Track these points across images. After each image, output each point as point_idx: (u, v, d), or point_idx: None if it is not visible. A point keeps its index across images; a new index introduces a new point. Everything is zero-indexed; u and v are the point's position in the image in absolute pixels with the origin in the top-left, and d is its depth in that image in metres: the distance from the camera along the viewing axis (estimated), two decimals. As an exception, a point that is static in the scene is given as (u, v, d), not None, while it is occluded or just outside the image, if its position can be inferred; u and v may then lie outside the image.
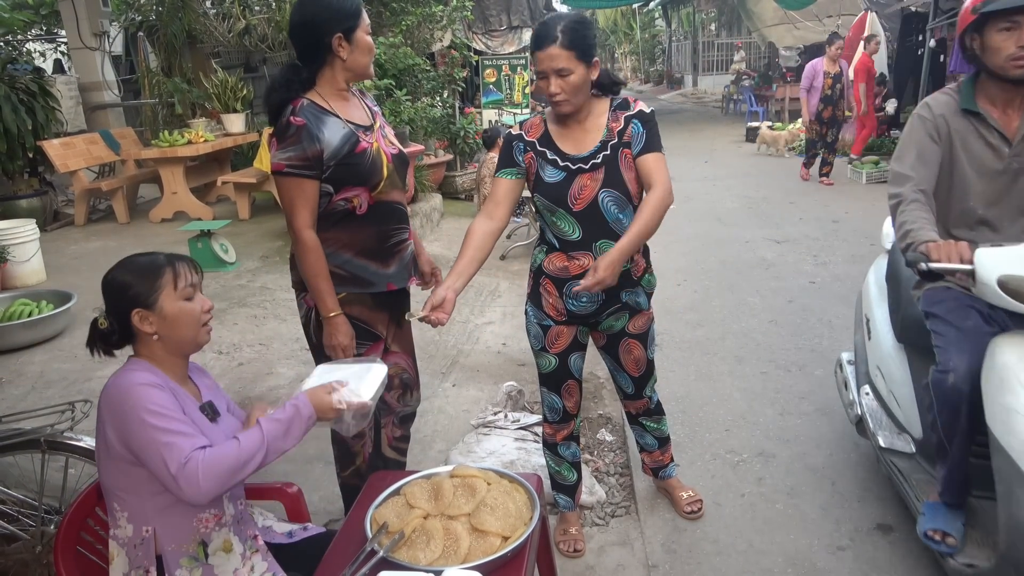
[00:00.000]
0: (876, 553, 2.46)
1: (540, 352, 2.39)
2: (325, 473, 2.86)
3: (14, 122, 6.55)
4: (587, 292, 2.04)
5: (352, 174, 2.10)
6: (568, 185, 2.15)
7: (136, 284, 1.58)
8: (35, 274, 5.24)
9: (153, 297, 1.58)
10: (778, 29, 15.26)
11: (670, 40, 28.83)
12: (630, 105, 2.19)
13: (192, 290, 1.63)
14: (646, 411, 2.61)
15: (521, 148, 2.22)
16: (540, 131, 2.22)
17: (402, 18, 7.87)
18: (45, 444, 2.14)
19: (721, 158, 11.19)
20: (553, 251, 2.25)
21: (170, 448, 1.46)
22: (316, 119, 2.06)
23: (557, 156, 2.17)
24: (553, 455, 2.57)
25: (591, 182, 2.14)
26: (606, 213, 2.16)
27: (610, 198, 2.15)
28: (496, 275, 5.67)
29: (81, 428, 2.22)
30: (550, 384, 2.44)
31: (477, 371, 4.00)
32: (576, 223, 2.18)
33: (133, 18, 9.43)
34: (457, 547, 1.55)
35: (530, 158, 2.21)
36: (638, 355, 2.42)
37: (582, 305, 2.25)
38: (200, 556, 1.61)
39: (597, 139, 2.16)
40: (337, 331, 2.17)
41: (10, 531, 2.23)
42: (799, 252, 5.99)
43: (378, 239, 2.21)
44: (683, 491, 2.74)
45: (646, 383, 2.52)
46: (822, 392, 3.57)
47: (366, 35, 2.13)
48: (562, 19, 2.06)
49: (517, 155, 2.23)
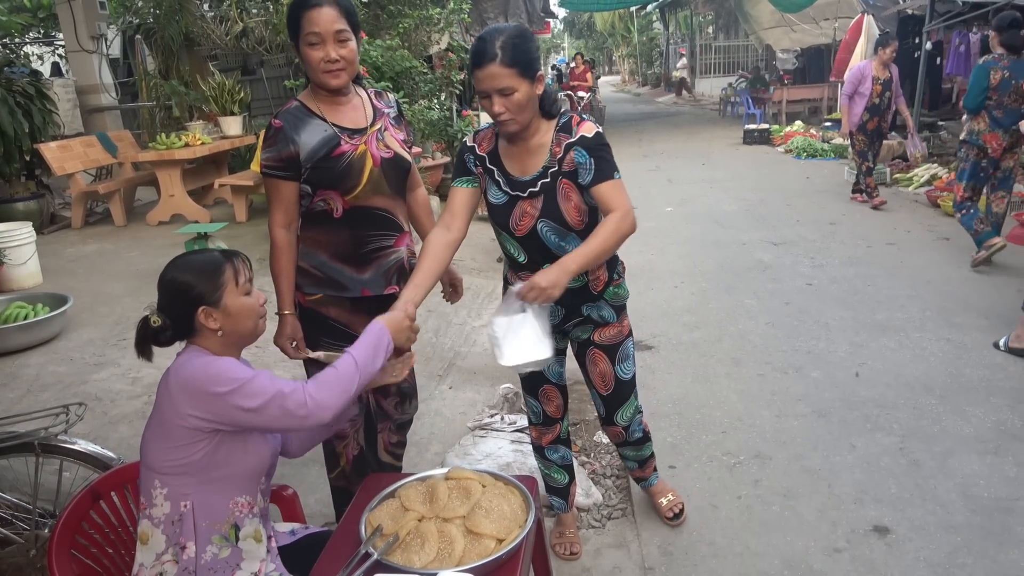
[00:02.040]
0: (873, 555, 2.46)
1: None
2: (321, 476, 2.85)
3: (11, 125, 6.54)
4: (525, 299, 1.92)
5: (325, 177, 2.11)
6: (510, 210, 2.10)
7: (199, 283, 1.62)
8: (31, 277, 5.22)
9: (218, 294, 1.62)
10: (775, 32, 15.30)
11: (668, 43, 28.88)
12: (572, 129, 2.04)
13: (250, 285, 1.69)
14: (623, 441, 2.51)
15: (472, 160, 2.16)
16: (491, 145, 2.14)
17: (399, 21, 7.87)
18: (39, 447, 2.14)
19: (718, 160, 11.19)
20: (512, 263, 2.24)
21: (284, 395, 1.56)
22: (296, 121, 2.10)
23: (502, 177, 2.11)
24: (541, 458, 2.56)
25: (531, 209, 2.08)
26: (546, 241, 2.10)
27: (548, 228, 2.08)
28: (493, 277, 5.67)
29: (75, 431, 2.22)
30: (528, 388, 2.43)
31: (474, 373, 4.00)
32: (520, 247, 2.15)
33: (130, 21, 9.44)
34: (452, 550, 1.55)
35: (480, 172, 2.15)
36: (603, 368, 2.32)
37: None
38: (232, 537, 1.64)
39: (540, 163, 2.06)
40: (281, 331, 2.22)
41: (4, 535, 2.23)
42: (796, 254, 6.00)
43: (353, 244, 2.19)
44: (662, 496, 2.70)
45: (617, 407, 2.39)
46: (818, 394, 3.57)
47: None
48: (501, 34, 1.92)
49: (470, 165, 2.17)
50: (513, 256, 2.19)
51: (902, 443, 3.12)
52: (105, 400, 3.49)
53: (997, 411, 3.33)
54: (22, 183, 7.10)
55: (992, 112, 5.10)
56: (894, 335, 4.23)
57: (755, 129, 12.86)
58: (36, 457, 2.15)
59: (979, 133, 5.18)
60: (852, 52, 10.98)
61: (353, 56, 2.07)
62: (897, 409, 3.40)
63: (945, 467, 2.93)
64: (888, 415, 3.35)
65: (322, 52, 2.03)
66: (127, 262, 5.82)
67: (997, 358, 3.87)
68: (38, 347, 4.12)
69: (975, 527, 2.56)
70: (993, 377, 3.67)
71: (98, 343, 4.16)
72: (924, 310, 4.59)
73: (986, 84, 5.07)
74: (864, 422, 3.30)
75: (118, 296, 4.95)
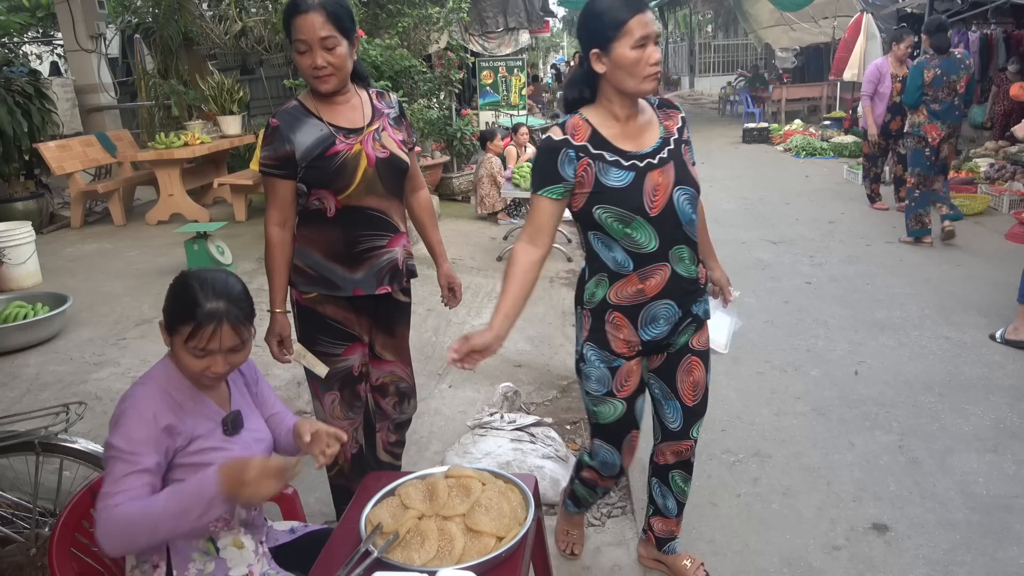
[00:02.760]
0: (872, 553, 2.46)
1: (604, 398, 2.03)
2: (320, 474, 2.85)
3: (10, 124, 6.54)
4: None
5: (319, 176, 2.12)
6: (640, 187, 1.84)
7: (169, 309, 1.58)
8: (31, 276, 5.22)
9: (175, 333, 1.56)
10: (774, 31, 15.28)
11: (667, 42, 28.85)
12: (670, 107, 2.02)
13: (210, 353, 1.56)
14: (683, 461, 2.21)
15: (572, 156, 1.83)
16: (587, 131, 1.86)
17: (399, 20, 7.86)
18: (40, 446, 2.14)
19: (717, 159, 11.19)
20: (619, 277, 1.91)
21: (102, 494, 1.46)
22: (293, 120, 2.11)
23: (619, 156, 1.85)
24: (587, 489, 2.30)
25: (663, 179, 1.86)
26: (680, 214, 1.88)
27: (684, 196, 1.88)
28: (493, 276, 5.67)
29: (76, 430, 2.22)
30: (611, 437, 2.09)
31: (473, 372, 3.99)
32: (653, 231, 1.86)
33: (129, 20, 9.43)
34: (452, 548, 1.55)
35: (585, 166, 1.84)
36: (697, 377, 2.08)
37: (660, 330, 1.97)
38: (211, 551, 1.63)
39: (656, 135, 1.91)
40: (270, 329, 2.23)
41: (5, 534, 2.23)
42: (795, 253, 6.00)
43: (345, 244, 2.19)
44: (684, 559, 2.37)
45: (696, 419, 2.14)
46: (817, 392, 3.58)
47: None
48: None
49: (565, 166, 1.83)
50: (639, 248, 1.87)
51: (901, 441, 3.12)
52: (105, 399, 3.49)
53: (996, 409, 3.34)
54: (21, 183, 7.10)
55: (930, 106, 5.71)
56: (893, 333, 4.24)
57: (754, 128, 12.87)
58: (36, 456, 2.15)
59: (920, 125, 5.79)
60: (851, 51, 10.98)
61: (341, 61, 2.07)
62: (896, 407, 3.41)
63: (944, 465, 2.93)
64: (887, 413, 3.36)
65: (309, 59, 2.04)
66: (126, 261, 5.82)
67: (996, 356, 3.87)
68: (38, 346, 4.12)
69: (974, 525, 2.57)
70: (992, 375, 3.67)
71: (98, 342, 4.16)
72: (923, 308, 4.60)
73: (921, 82, 5.68)
74: (863, 420, 3.31)
75: (118, 295, 4.95)
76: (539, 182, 1.87)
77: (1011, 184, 7.27)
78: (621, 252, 1.89)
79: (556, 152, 1.84)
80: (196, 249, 5.33)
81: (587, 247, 1.97)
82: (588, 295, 1.98)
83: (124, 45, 10.81)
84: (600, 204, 1.84)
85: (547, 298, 5.24)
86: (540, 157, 1.88)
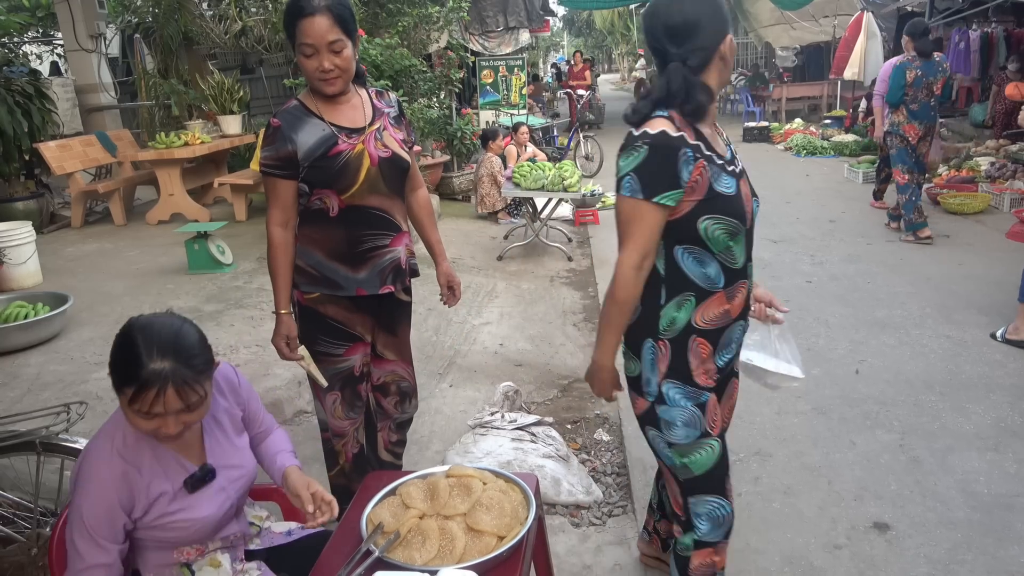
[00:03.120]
0: (873, 551, 2.46)
1: (698, 442, 1.74)
2: (320, 474, 2.85)
3: (10, 124, 6.54)
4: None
5: (322, 176, 2.12)
6: (742, 196, 1.67)
7: (113, 367, 1.43)
8: (31, 276, 5.22)
9: (120, 393, 1.43)
10: (775, 29, 15.27)
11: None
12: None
13: (158, 416, 1.43)
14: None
15: (690, 156, 1.57)
16: (691, 129, 1.62)
17: (398, 19, 7.87)
18: (40, 446, 2.14)
19: (718, 158, 11.19)
20: (707, 295, 1.68)
21: (73, 548, 1.43)
22: (294, 120, 2.10)
23: (721, 160, 1.65)
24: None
25: (747, 189, 1.72)
26: (754, 226, 1.76)
27: (757, 208, 1.79)
28: (493, 276, 5.67)
29: (76, 430, 2.22)
30: (715, 485, 1.78)
31: (474, 372, 4.00)
32: (744, 244, 1.70)
33: (129, 20, 9.42)
34: (453, 547, 1.55)
35: (701, 168, 1.59)
36: (735, 399, 1.94)
37: (731, 355, 1.79)
38: (186, 574, 1.62)
39: (725, 143, 1.77)
40: (277, 330, 2.22)
41: (6, 533, 2.23)
42: (796, 252, 6.00)
43: (348, 243, 2.19)
44: None
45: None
46: (818, 391, 3.58)
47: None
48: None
49: (684, 168, 1.57)
50: (733, 263, 1.69)
51: (902, 440, 3.12)
52: (106, 399, 3.48)
53: (997, 408, 3.34)
54: (22, 183, 7.10)
55: (909, 106, 5.89)
56: (894, 332, 4.24)
57: (755, 127, 12.87)
58: (37, 456, 2.15)
59: (899, 124, 5.97)
60: (852, 50, 10.97)
61: (348, 64, 2.07)
62: (897, 406, 3.41)
63: (945, 464, 2.93)
64: (888, 412, 3.36)
65: (316, 62, 2.03)
66: (127, 261, 5.82)
67: (997, 355, 3.87)
68: (38, 346, 4.12)
69: (975, 523, 2.57)
70: (993, 374, 3.67)
71: (98, 342, 4.16)
72: (924, 307, 4.60)
73: (903, 82, 5.85)
74: (864, 419, 3.31)
75: (118, 295, 4.95)
76: (653, 186, 1.56)
77: (1012, 183, 7.27)
78: (715, 267, 1.67)
79: (675, 150, 1.56)
80: (196, 249, 5.33)
81: (666, 265, 1.68)
82: (667, 322, 1.69)
83: (124, 45, 10.81)
84: (711, 214, 1.61)
85: (547, 297, 5.24)
86: (653, 156, 1.56)
